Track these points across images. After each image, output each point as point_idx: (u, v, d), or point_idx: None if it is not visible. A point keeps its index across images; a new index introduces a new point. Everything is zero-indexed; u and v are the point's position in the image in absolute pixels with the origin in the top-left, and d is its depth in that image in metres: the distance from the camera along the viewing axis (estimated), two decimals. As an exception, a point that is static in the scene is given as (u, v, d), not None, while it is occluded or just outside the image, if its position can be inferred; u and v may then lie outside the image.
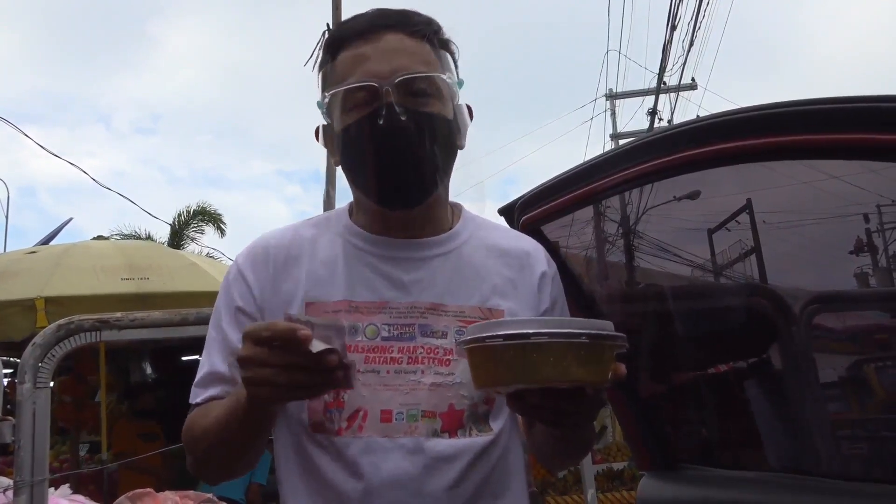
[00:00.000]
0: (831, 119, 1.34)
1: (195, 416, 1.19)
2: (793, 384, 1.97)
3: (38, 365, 2.10)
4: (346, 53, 1.18)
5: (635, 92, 19.58)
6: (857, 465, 2.00)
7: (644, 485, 2.11)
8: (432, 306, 1.19)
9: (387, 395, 1.15)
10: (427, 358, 1.17)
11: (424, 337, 1.18)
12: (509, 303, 1.24)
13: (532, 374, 0.88)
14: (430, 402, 1.15)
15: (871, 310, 2.01)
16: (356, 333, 1.17)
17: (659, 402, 2.26)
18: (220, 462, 1.19)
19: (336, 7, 7.85)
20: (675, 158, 1.57)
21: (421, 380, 1.16)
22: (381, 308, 1.18)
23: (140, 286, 5.13)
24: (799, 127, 1.38)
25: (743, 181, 1.78)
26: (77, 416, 6.09)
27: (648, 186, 1.83)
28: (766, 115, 1.43)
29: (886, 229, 1.82)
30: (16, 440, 2.10)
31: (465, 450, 1.17)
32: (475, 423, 1.19)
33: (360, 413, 1.14)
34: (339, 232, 1.26)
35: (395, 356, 1.16)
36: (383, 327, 1.17)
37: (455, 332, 1.18)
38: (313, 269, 1.21)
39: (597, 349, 0.89)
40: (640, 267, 2.23)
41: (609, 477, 6.97)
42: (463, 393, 1.17)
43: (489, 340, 0.90)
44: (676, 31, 12.11)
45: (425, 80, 1.16)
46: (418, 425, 1.14)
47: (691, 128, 1.59)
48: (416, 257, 1.23)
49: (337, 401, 1.15)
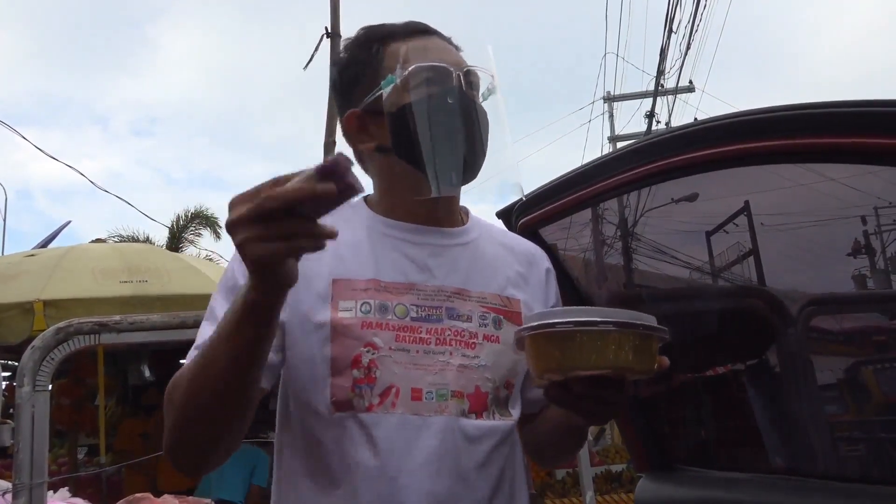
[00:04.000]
0: (829, 123, 1.35)
1: (181, 370, 1.09)
2: (790, 386, 1.97)
3: (37, 368, 2.10)
4: (399, 45, 1.23)
5: (633, 94, 19.63)
6: (854, 467, 2.01)
7: (642, 486, 2.12)
8: (457, 291, 1.22)
9: (417, 373, 1.16)
10: (454, 340, 1.19)
11: (451, 320, 1.20)
12: (523, 294, 1.29)
13: (596, 360, 0.94)
14: (458, 383, 1.17)
15: (869, 312, 2.02)
16: (386, 312, 1.17)
17: (657, 404, 2.27)
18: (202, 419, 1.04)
19: (335, 10, 7.85)
20: (674, 161, 1.58)
21: (449, 361, 1.18)
22: (409, 289, 1.20)
23: (138, 289, 5.13)
24: (797, 130, 1.39)
25: (741, 183, 1.78)
26: (75, 419, 6.08)
27: (646, 189, 1.84)
28: (764, 119, 1.43)
29: (884, 231, 1.83)
30: (15, 443, 2.10)
31: (490, 432, 1.19)
32: (498, 407, 1.21)
33: (392, 389, 1.15)
34: (360, 219, 1.26)
35: (423, 336, 1.18)
36: (412, 308, 1.19)
37: (479, 316, 1.22)
38: (337, 250, 1.17)
39: (648, 339, 0.96)
40: (637, 269, 2.23)
41: (608, 479, 6.97)
42: (487, 376, 1.20)
43: (559, 326, 0.95)
44: (674, 34, 12.13)
45: (485, 75, 1.24)
46: (448, 404, 1.16)
47: (689, 131, 1.60)
48: (438, 244, 1.25)
49: (368, 377, 1.14)
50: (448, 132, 1.18)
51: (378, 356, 1.15)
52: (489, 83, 1.25)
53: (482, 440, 1.18)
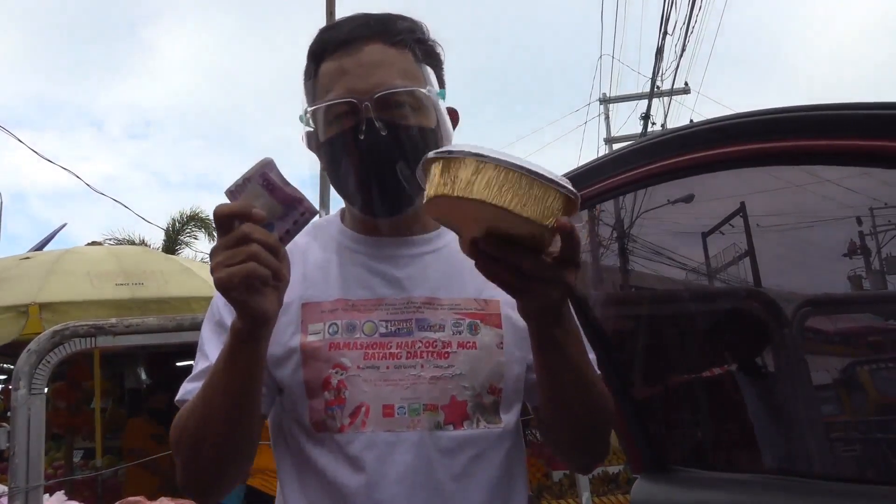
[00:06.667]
0: (824, 125, 1.35)
1: (181, 411, 1.14)
2: (786, 386, 1.98)
3: (33, 371, 2.10)
4: (327, 65, 1.20)
5: (629, 96, 19.68)
6: (849, 467, 2.01)
7: (638, 487, 2.12)
8: (427, 300, 1.20)
9: (387, 390, 1.15)
10: (425, 352, 1.17)
11: (422, 331, 1.18)
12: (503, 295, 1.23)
13: (469, 188, 0.89)
14: (430, 396, 1.16)
15: (864, 312, 2.02)
16: (354, 331, 1.17)
17: (652, 405, 2.27)
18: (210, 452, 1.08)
19: (330, 13, 7.85)
20: (670, 163, 1.58)
21: (421, 373, 1.16)
22: (378, 305, 1.19)
23: (134, 291, 5.12)
24: (792, 132, 1.39)
25: (737, 185, 1.79)
26: (71, 423, 6.07)
27: (642, 190, 1.84)
28: (759, 121, 1.44)
29: (879, 232, 1.83)
30: (10, 446, 2.09)
31: (470, 441, 1.17)
32: (483, 414, 1.19)
33: (361, 409, 1.15)
34: (331, 236, 1.27)
35: (393, 351, 1.17)
36: (381, 324, 1.18)
37: (452, 324, 1.20)
38: (307, 273, 1.22)
39: (536, 187, 0.89)
40: (633, 270, 2.24)
41: (604, 480, 6.97)
42: (464, 384, 1.17)
43: (439, 154, 0.93)
44: (669, 35, 12.16)
45: (404, 94, 1.17)
46: (420, 419, 1.15)
47: (685, 133, 1.60)
48: (407, 254, 1.24)
49: (338, 398, 1.15)
50: (347, 170, 1.18)
51: (346, 376, 1.15)
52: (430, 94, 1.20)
53: (460, 451, 1.16)
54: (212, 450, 1.08)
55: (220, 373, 1.04)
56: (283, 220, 1.02)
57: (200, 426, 1.08)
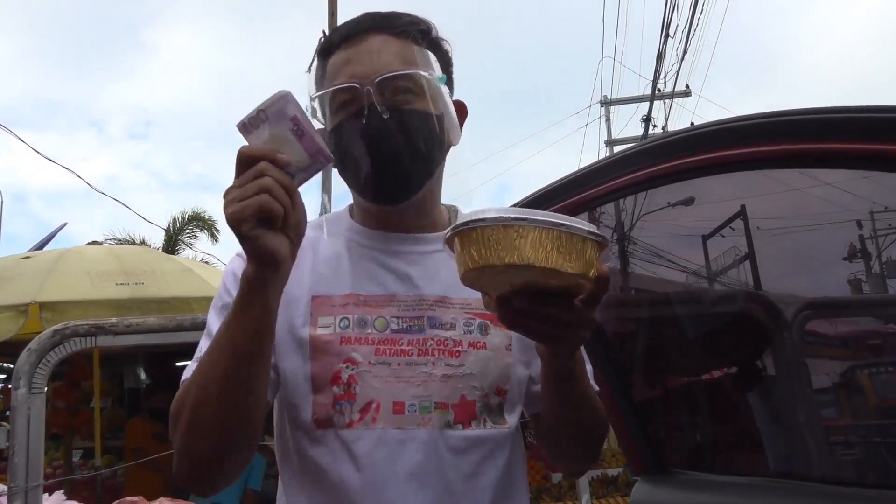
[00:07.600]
0: (825, 128, 1.35)
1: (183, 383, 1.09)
2: (785, 390, 1.98)
3: (32, 370, 2.09)
4: (334, 58, 1.21)
5: (630, 99, 19.65)
6: (848, 470, 2.01)
7: (638, 490, 2.12)
8: (439, 299, 1.20)
9: (399, 386, 1.15)
10: (437, 350, 1.17)
11: (433, 329, 1.18)
12: None
13: (510, 257, 0.89)
14: (441, 394, 1.15)
15: (864, 316, 2.02)
16: (366, 326, 1.17)
17: (652, 408, 2.27)
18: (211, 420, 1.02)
19: (332, 14, 7.86)
20: (670, 166, 1.58)
21: (432, 371, 1.16)
22: (389, 301, 1.19)
23: (135, 291, 5.12)
24: (793, 135, 1.39)
25: (737, 188, 1.79)
26: (71, 422, 6.06)
27: (643, 193, 1.84)
28: (760, 124, 1.44)
29: (879, 236, 1.84)
30: (10, 445, 2.09)
31: (479, 441, 1.17)
32: (489, 415, 1.19)
33: (372, 405, 1.14)
34: (340, 232, 1.27)
35: (405, 348, 1.16)
36: (392, 320, 1.18)
37: (463, 323, 1.19)
38: (316, 267, 1.21)
39: (578, 241, 0.91)
40: (634, 273, 2.24)
41: (604, 482, 6.96)
42: (474, 384, 1.17)
43: (472, 224, 0.92)
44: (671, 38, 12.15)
45: (405, 78, 1.18)
46: (431, 417, 1.14)
47: (686, 136, 1.60)
48: (418, 251, 1.24)
49: (348, 393, 1.14)
50: (352, 155, 1.17)
51: (357, 371, 1.14)
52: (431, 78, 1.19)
53: (470, 451, 1.16)
54: (213, 417, 1.01)
55: (228, 326, 1.00)
56: (305, 172, 0.99)
57: (202, 389, 1.02)
